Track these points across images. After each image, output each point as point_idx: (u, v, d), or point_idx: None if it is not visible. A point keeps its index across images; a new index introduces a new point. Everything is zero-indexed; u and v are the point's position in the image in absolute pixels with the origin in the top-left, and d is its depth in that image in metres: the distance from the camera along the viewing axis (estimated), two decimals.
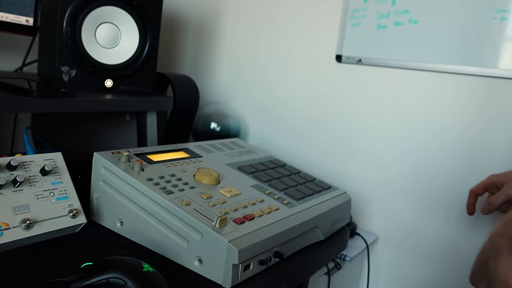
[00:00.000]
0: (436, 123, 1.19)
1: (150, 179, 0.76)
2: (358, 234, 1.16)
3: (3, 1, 0.89)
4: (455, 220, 1.18)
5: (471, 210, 0.97)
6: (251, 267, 0.69)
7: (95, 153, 0.81)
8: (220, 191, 0.80)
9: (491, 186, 0.95)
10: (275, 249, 0.74)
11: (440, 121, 1.18)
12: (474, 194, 0.97)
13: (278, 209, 0.81)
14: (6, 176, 0.69)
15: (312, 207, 0.87)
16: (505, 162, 1.10)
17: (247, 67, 1.49)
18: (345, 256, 1.06)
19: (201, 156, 0.94)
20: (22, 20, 0.92)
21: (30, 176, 0.72)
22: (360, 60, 1.26)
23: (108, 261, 0.60)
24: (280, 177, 0.96)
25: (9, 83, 0.89)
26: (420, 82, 1.20)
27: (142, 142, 1.13)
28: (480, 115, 1.14)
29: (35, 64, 1.19)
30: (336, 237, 0.93)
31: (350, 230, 1.05)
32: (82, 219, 0.74)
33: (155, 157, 0.85)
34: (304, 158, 1.31)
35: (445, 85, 1.17)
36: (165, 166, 0.83)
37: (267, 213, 0.77)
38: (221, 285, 0.67)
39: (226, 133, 1.39)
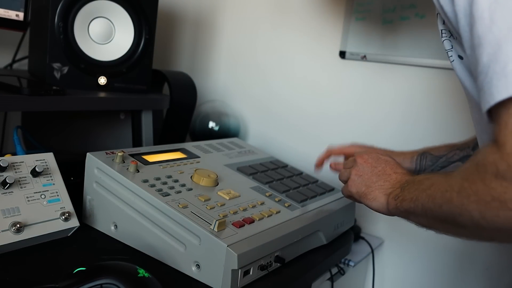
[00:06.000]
0: (443, 121, 1.16)
1: (145, 181, 0.75)
2: (363, 238, 1.15)
3: None
4: None
5: (318, 164, 1.01)
6: (251, 273, 0.69)
7: (88, 154, 0.80)
8: (218, 193, 0.79)
9: (349, 154, 0.95)
10: (276, 254, 0.74)
11: (447, 119, 1.16)
12: (330, 153, 1.00)
13: (279, 212, 0.80)
14: None
15: (314, 210, 0.86)
16: None
17: (246, 64, 1.47)
18: (349, 261, 1.04)
19: (199, 157, 0.93)
20: (12, 14, 0.91)
21: (20, 178, 0.72)
22: (364, 56, 1.24)
23: (102, 266, 0.61)
24: (281, 178, 0.96)
25: None
26: (427, 79, 1.18)
27: (137, 142, 1.13)
28: None
29: (26, 61, 1.18)
30: (339, 241, 0.93)
31: (354, 233, 1.04)
32: (74, 222, 0.74)
33: (150, 158, 0.85)
34: (306, 159, 1.28)
35: (455, 82, 1.14)
36: (161, 167, 0.83)
37: (268, 216, 0.77)
38: None
39: (225, 133, 1.38)
